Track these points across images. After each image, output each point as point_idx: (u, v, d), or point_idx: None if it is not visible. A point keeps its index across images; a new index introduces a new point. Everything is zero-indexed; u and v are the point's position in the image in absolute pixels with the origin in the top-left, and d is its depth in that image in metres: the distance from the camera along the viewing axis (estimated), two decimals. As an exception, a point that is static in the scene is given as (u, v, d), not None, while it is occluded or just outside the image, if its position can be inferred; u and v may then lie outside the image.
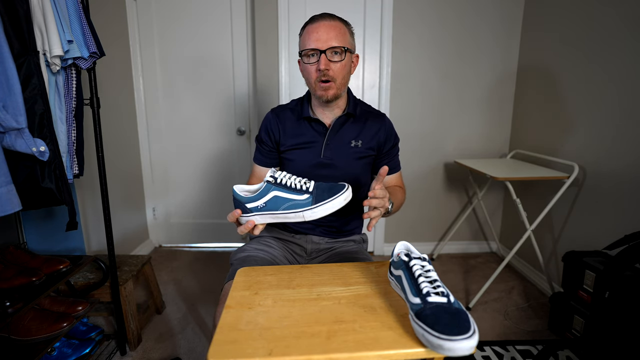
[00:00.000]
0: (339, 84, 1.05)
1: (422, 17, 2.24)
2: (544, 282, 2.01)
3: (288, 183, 0.80)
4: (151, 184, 2.58)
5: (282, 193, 0.80)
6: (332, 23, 1.02)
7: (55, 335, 1.18)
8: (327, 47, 1.00)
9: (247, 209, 0.82)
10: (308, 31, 1.03)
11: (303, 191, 0.80)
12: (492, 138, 2.41)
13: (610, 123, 1.64)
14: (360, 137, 1.12)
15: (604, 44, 1.67)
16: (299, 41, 1.08)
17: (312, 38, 1.01)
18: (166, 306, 1.89)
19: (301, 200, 0.79)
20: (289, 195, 0.80)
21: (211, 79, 2.44)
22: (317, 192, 0.79)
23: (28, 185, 1.10)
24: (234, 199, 0.84)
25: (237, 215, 0.84)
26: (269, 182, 0.81)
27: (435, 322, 0.57)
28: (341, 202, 0.78)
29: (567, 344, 1.54)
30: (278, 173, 0.82)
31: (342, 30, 1.03)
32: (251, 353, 0.58)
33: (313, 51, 1.02)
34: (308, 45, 1.02)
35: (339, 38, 1.01)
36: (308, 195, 0.79)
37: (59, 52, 1.10)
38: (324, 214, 0.79)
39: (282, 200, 0.80)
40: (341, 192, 0.79)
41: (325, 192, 0.79)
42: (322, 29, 1.01)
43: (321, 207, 0.78)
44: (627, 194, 1.55)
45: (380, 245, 2.52)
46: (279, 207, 0.80)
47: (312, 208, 0.78)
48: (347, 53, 1.04)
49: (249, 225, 0.83)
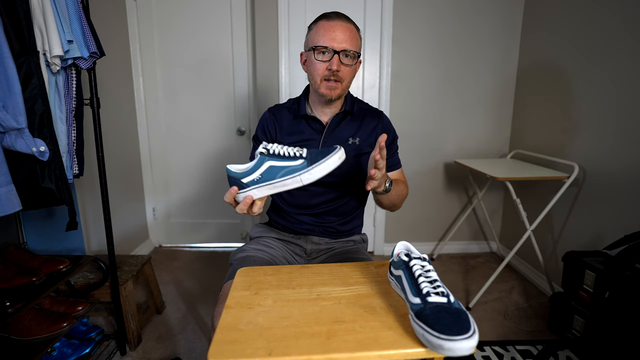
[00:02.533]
0: (345, 86, 1.07)
1: (422, 17, 2.24)
2: (544, 282, 2.01)
3: (281, 152, 0.80)
4: (151, 184, 2.58)
5: (277, 162, 0.79)
6: (348, 26, 1.03)
7: (55, 335, 1.17)
8: (342, 48, 1.01)
9: (244, 184, 0.81)
10: (323, 27, 1.02)
11: (297, 157, 0.79)
12: (492, 138, 2.41)
13: (610, 123, 1.64)
14: (358, 134, 1.12)
15: (604, 44, 1.67)
16: (309, 34, 1.07)
17: (327, 36, 1.01)
18: (166, 306, 1.88)
19: (296, 165, 0.79)
20: (284, 163, 0.79)
21: (211, 79, 2.44)
22: (310, 156, 0.79)
23: (28, 185, 1.10)
24: (229, 177, 0.83)
25: (233, 193, 0.82)
26: (263, 153, 0.81)
27: (435, 322, 0.57)
28: (335, 161, 0.78)
29: (567, 344, 1.54)
30: (270, 145, 0.81)
31: (355, 34, 1.05)
32: (251, 353, 0.58)
33: (326, 49, 1.01)
34: (322, 42, 1.01)
35: (353, 42, 1.03)
36: (302, 160, 0.79)
37: (59, 52, 1.10)
38: (321, 174, 0.78)
39: (278, 169, 0.79)
40: (334, 152, 0.79)
41: (319, 155, 0.79)
42: (339, 29, 1.01)
43: (317, 167, 0.78)
44: (627, 194, 1.55)
45: (380, 245, 2.52)
46: (276, 176, 0.79)
47: (308, 170, 0.78)
48: (357, 58, 1.06)
49: (247, 201, 0.81)
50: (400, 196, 1.09)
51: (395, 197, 1.06)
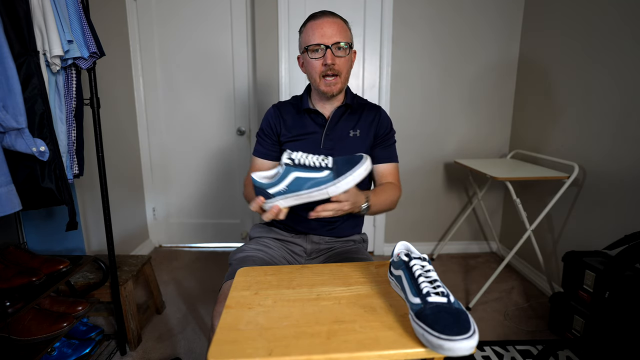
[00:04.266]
0: (344, 78, 1.10)
1: (422, 17, 2.24)
2: (544, 282, 2.01)
3: (307, 162, 0.80)
4: (151, 184, 2.58)
5: (303, 173, 0.79)
6: (335, 20, 1.07)
7: (55, 335, 1.17)
8: (333, 42, 1.04)
9: (270, 194, 0.82)
10: (312, 27, 1.06)
11: (323, 168, 0.79)
12: (492, 138, 2.41)
13: (610, 123, 1.63)
14: (357, 126, 1.15)
15: (604, 43, 1.67)
16: (300, 38, 1.11)
17: (317, 33, 1.05)
18: (166, 306, 1.88)
19: (322, 177, 0.78)
20: (310, 174, 0.79)
21: (211, 79, 2.44)
22: (337, 166, 0.78)
23: (28, 185, 1.10)
24: (255, 187, 0.84)
25: (260, 202, 0.83)
26: (288, 164, 0.80)
27: (435, 322, 0.57)
28: (362, 173, 0.78)
29: (567, 344, 1.54)
30: (294, 154, 0.81)
31: (343, 27, 1.08)
32: (251, 353, 0.58)
33: (318, 46, 1.05)
34: (313, 40, 1.05)
35: (342, 34, 1.06)
36: (328, 171, 0.78)
37: (59, 52, 1.10)
38: (347, 187, 0.78)
39: (304, 180, 0.79)
40: (360, 163, 0.78)
41: (345, 165, 0.78)
42: (327, 25, 1.05)
43: (343, 180, 0.77)
44: (627, 193, 1.55)
45: (380, 245, 2.52)
46: (302, 188, 0.80)
47: (335, 183, 0.78)
48: (350, 48, 1.09)
49: (274, 210, 0.82)
50: (386, 205, 1.08)
51: (379, 209, 1.05)
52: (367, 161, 0.79)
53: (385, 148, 1.18)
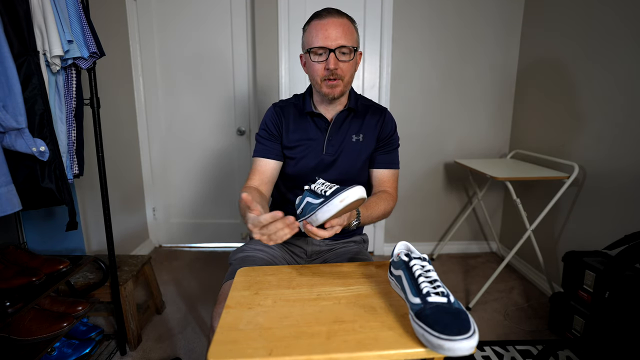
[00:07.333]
0: (346, 82, 1.04)
1: (422, 17, 2.23)
2: (544, 282, 2.01)
3: (315, 189, 0.80)
4: (151, 184, 2.58)
5: (310, 199, 0.81)
6: (340, 20, 1.00)
7: (56, 335, 1.17)
8: (337, 46, 0.98)
9: (297, 215, 0.84)
10: (316, 27, 1.00)
11: (320, 195, 0.77)
12: (492, 138, 2.41)
13: (611, 123, 1.63)
14: (361, 131, 1.12)
15: (605, 43, 1.67)
16: (304, 36, 1.06)
17: (321, 35, 0.99)
18: (166, 306, 1.88)
19: (316, 204, 0.77)
20: (313, 200, 0.79)
21: (211, 79, 2.44)
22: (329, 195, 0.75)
23: (28, 185, 1.10)
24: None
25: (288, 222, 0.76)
26: (306, 189, 0.83)
27: (435, 322, 0.57)
28: (338, 205, 0.72)
29: (567, 344, 1.54)
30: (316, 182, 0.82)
31: (350, 28, 1.02)
32: (251, 353, 0.58)
33: (321, 49, 0.99)
34: (316, 43, 0.99)
35: (347, 37, 1.00)
36: (322, 199, 0.76)
37: (59, 52, 1.10)
38: (325, 218, 0.74)
39: (308, 206, 0.80)
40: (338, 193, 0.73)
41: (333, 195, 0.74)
42: (332, 27, 0.98)
43: (319, 211, 0.75)
44: (627, 194, 1.55)
45: (380, 245, 2.52)
46: (306, 213, 0.80)
47: (316, 213, 0.76)
48: (355, 52, 1.03)
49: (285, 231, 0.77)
50: (377, 218, 1.04)
51: (370, 222, 1.03)
52: (344, 192, 0.72)
53: (386, 152, 1.14)
